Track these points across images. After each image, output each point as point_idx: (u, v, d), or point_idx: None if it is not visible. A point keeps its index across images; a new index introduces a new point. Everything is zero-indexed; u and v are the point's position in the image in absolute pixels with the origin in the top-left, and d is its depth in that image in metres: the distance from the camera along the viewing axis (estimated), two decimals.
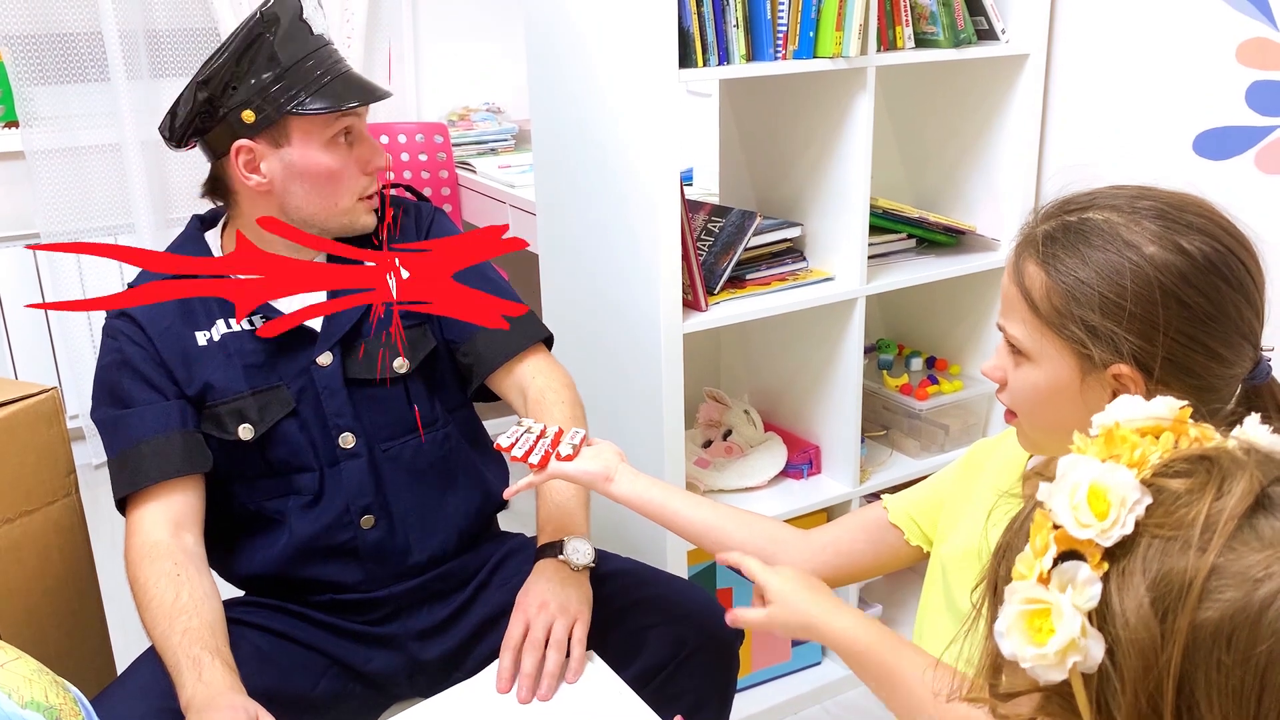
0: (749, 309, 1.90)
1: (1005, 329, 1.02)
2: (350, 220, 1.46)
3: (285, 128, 1.38)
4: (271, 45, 1.35)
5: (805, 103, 2.00)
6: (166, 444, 1.42)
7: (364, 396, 1.49)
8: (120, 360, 1.44)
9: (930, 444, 2.24)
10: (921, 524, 1.21)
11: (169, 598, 1.33)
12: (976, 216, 2.26)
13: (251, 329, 1.46)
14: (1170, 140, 1.93)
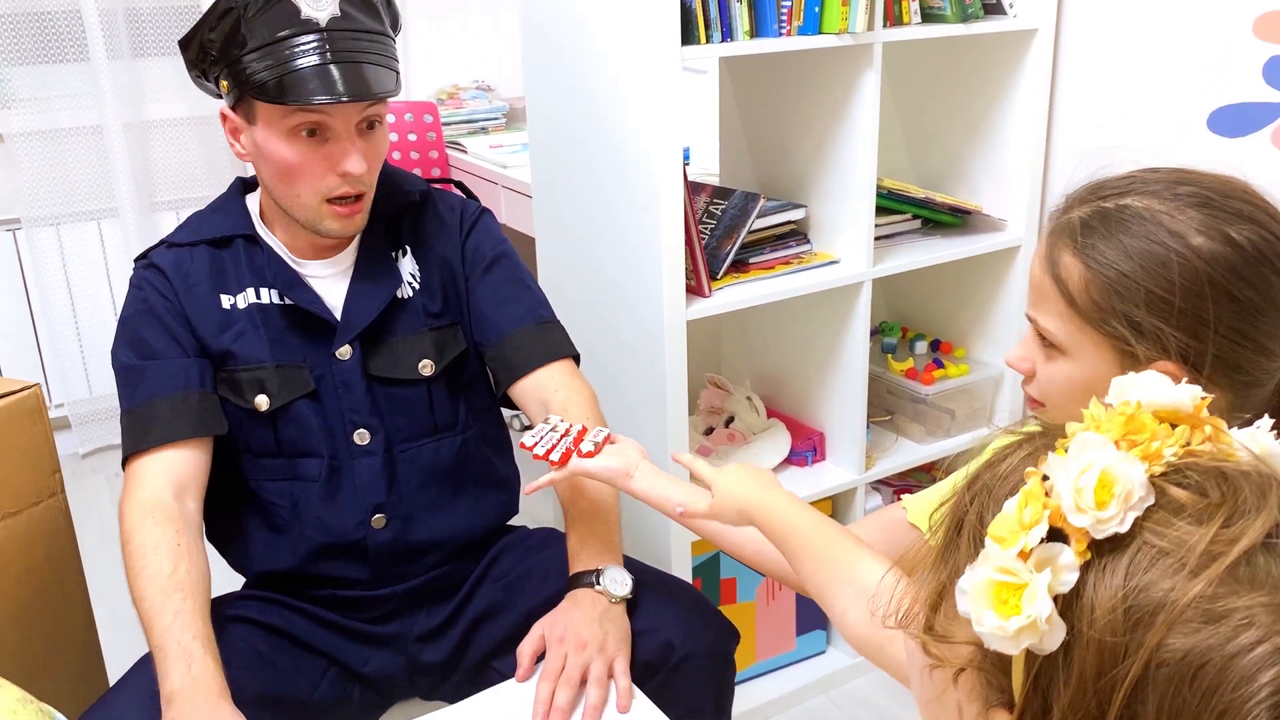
0: (753, 294, 1.85)
1: (1036, 321, 0.97)
2: (314, 220, 1.38)
3: (252, 107, 1.32)
4: (240, 21, 1.28)
5: (809, 80, 1.95)
6: (183, 403, 1.38)
7: (386, 395, 1.45)
8: (145, 309, 1.41)
9: (936, 429, 2.20)
10: None
11: (166, 568, 1.28)
12: (982, 196, 2.21)
13: (280, 304, 1.42)
14: (1184, 117, 1.88)
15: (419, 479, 1.48)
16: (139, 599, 1.27)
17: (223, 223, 1.44)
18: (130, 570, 1.29)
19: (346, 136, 1.34)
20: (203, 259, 1.41)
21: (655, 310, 1.77)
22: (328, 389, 1.43)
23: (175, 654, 1.22)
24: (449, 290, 1.52)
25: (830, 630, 2.23)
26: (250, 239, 1.43)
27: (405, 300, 1.48)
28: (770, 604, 2.12)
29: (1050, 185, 2.13)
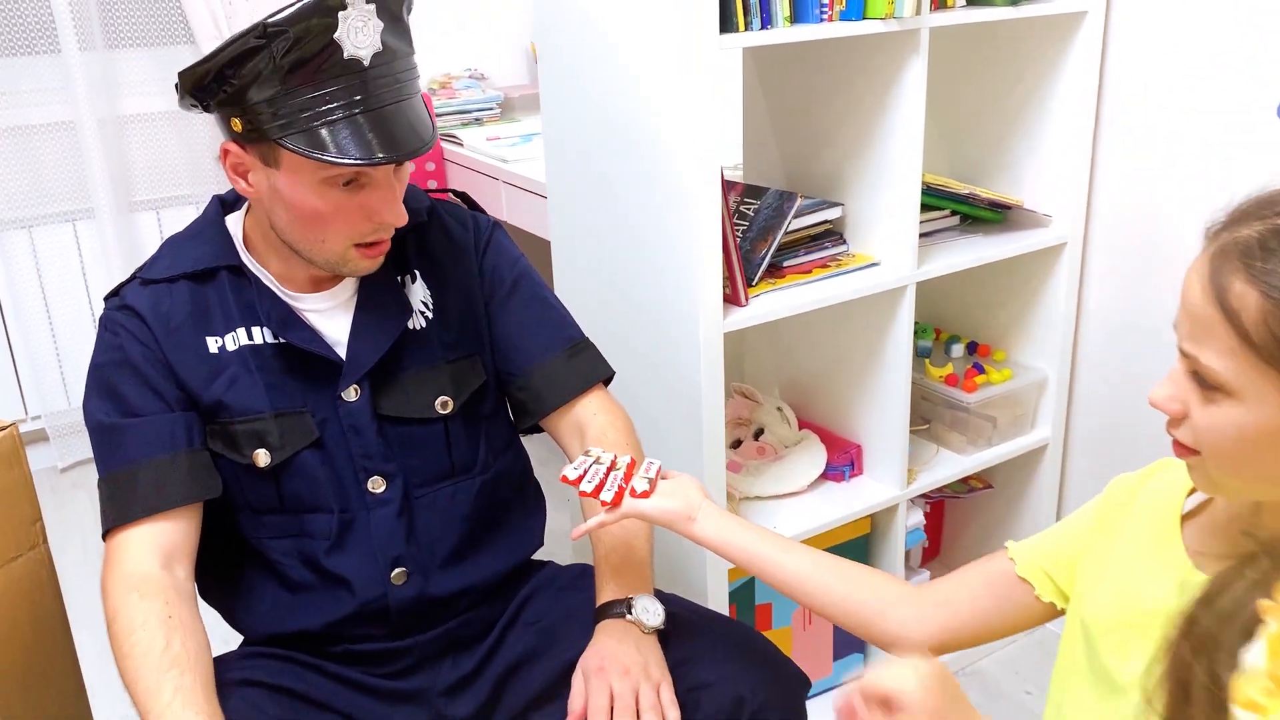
0: (794, 302, 1.71)
1: (1196, 358, 0.83)
2: (338, 264, 1.24)
3: (274, 151, 1.16)
4: (274, 60, 1.11)
5: (848, 69, 1.80)
6: (170, 467, 1.22)
7: (399, 436, 1.30)
8: (120, 359, 1.24)
9: (978, 438, 2.07)
10: (1056, 577, 1.03)
11: (158, 645, 1.14)
12: (1023, 190, 2.07)
13: (275, 343, 1.26)
14: (1248, 105, 1.74)
15: (439, 527, 1.34)
16: (131, 681, 1.12)
17: (204, 253, 1.27)
18: (118, 651, 1.15)
19: (385, 184, 1.20)
20: (183, 296, 1.26)
21: (689, 321, 1.63)
22: (333, 435, 1.28)
23: None
24: (466, 319, 1.38)
25: (867, 653, 2.10)
26: (236, 270, 1.27)
27: (418, 331, 1.34)
28: (807, 629, 1.99)
29: (1098, 178, 2.00)
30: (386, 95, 1.16)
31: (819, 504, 1.91)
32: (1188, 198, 1.87)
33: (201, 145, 3.13)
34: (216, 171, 3.17)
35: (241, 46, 1.11)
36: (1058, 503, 2.22)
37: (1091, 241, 2.04)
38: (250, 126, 1.14)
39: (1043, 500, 2.19)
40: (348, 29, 1.12)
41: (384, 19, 1.15)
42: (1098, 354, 2.09)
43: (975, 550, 2.35)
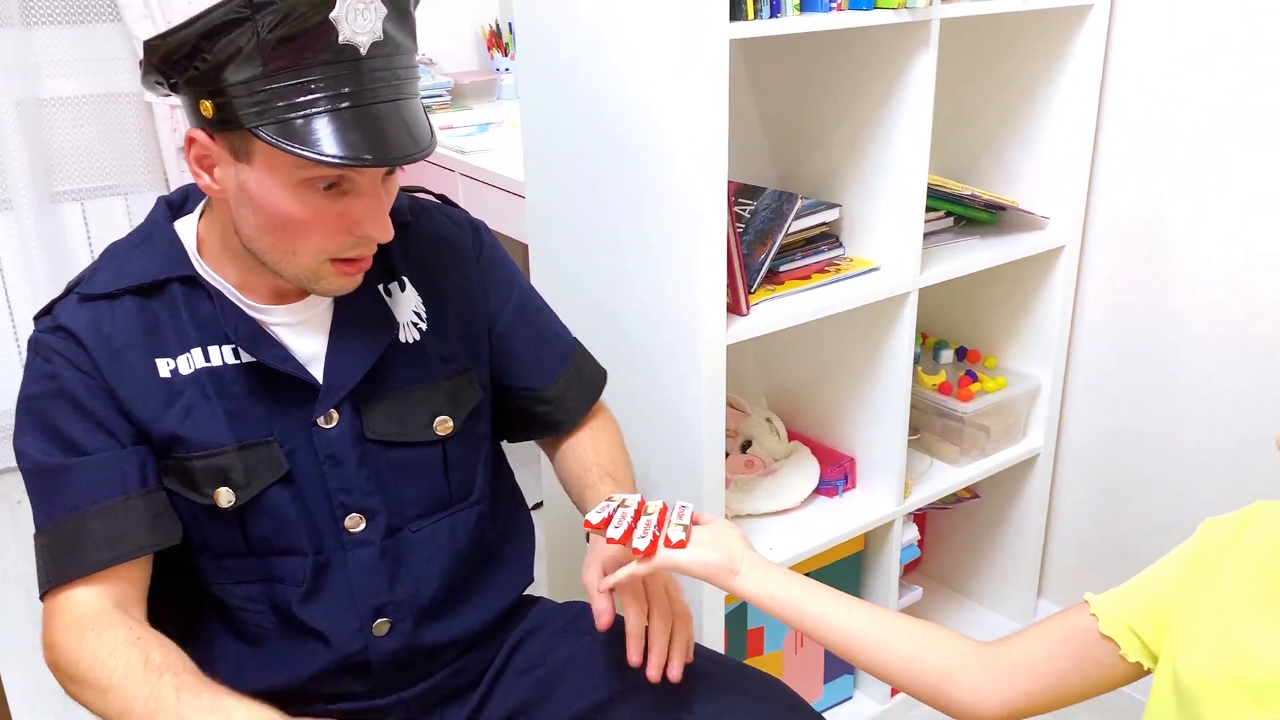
0: (797, 310, 1.60)
1: None
2: (309, 280, 1.08)
3: (247, 142, 1.00)
4: (257, 35, 0.95)
5: (848, 62, 1.70)
6: (123, 512, 1.07)
7: (391, 463, 1.15)
8: (55, 390, 1.07)
9: (971, 449, 1.98)
10: (1144, 635, 0.93)
11: (137, 663, 1.01)
12: (1017, 190, 1.99)
13: (237, 364, 1.10)
14: (1266, 107, 1.68)
15: (434, 566, 1.20)
16: (123, 711, 0.99)
17: (151, 263, 1.10)
18: (95, 690, 1.01)
19: (371, 191, 1.04)
20: (128, 314, 1.08)
21: (689, 332, 1.51)
22: (305, 467, 1.13)
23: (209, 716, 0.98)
24: (466, 329, 1.24)
25: (857, 675, 2.01)
26: (188, 281, 1.10)
27: (410, 344, 1.19)
28: (798, 653, 1.89)
29: (1098, 179, 1.92)
30: (382, 91, 1.01)
31: (814, 521, 1.81)
32: (1193, 202, 1.80)
33: (130, 131, 2.92)
34: (146, 160, 2.97)
35: (222, 16, 0.95)
36: (1047, 515, 2.15)
37: (1089, 245, 1.97)
38: (222, 112, 0.98)
39: (1031, 512, 2.12)
40: (346, 9, 0.96)
41: (387, 5, 1.00)
42: (1093, 362, 2.02)
43: (961, 563, 2.27)
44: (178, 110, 2.86)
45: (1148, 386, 1.95)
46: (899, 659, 1.00)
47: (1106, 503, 2.07)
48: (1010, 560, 2.18)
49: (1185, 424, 1.90)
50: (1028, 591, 2.18)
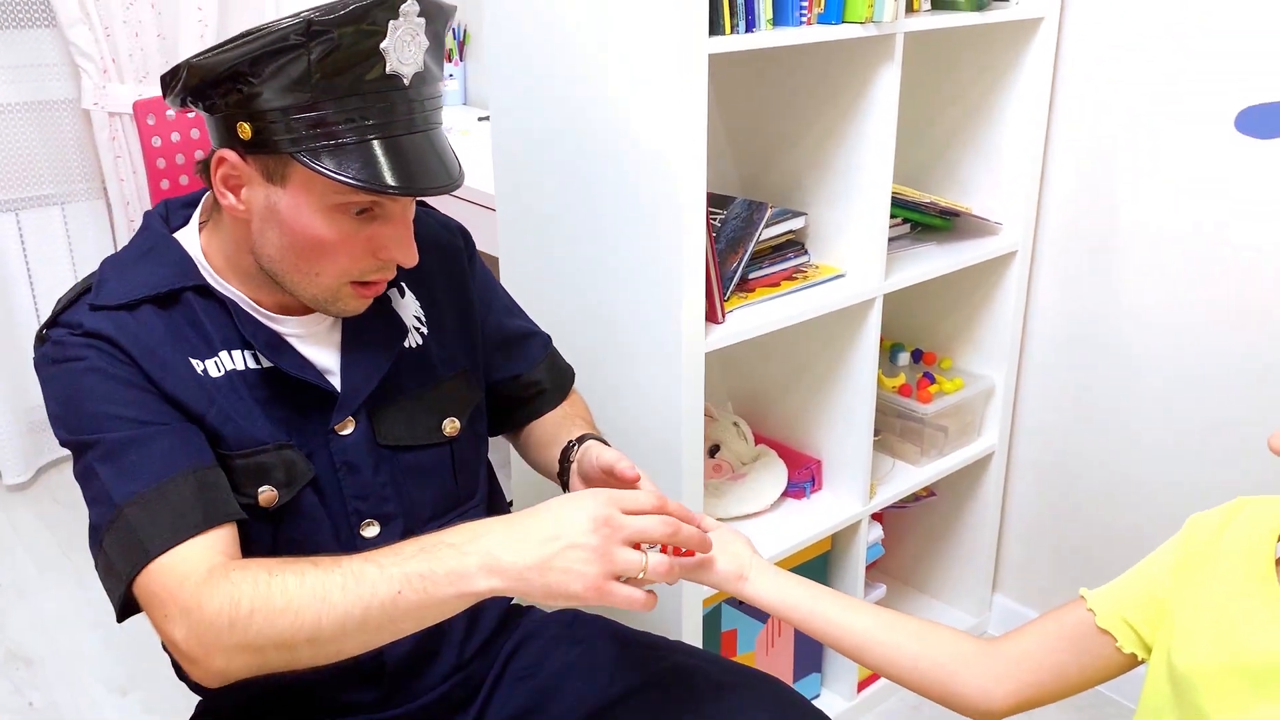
0: (770, 317, 1.63)
1: None
2: (326, 301, 1.09)
3: (284, 166, 1.00)
4: (308, 63, 0.96)
5: (813, 74, 1.73)
6: (214, 474, 1.02)
7: (403, 467, 1.16)
8: (102, 377, 1.02)
9: (930, 449, 2.04)
10: (1138, 628, 0.98)
11: (302, 566, 0.93)
12: (970, 196, 2.05)
13: (258, 369, 1.10)
14: (1207, 116, 1.76)
15: None
16: (323, 614, 0.90)
17: (162, 274, 1.08)
18: (269, 618, 0.91)
19: (400, 218, 1.06)
20: (149, 320, 1.06)
21: (670, 341, 1.53)
22: (322, 473, 1.13)
23: (424, 559, 0.92)
24: (462, 332, 1.27)
25: (825, 673, 2.05)
26: (202, 291, 1.09)
27: (414, 349, 1.21)
28: (769, 653, 1.92)
29: (1048, 186, 1.99)
30: (418, 121, 1.03)
31: (783, 524, 1.84)
32: (1138, 207, 1.88)
33: (66, 140, 2.85)
34: (83, 168, 2.90)
35: (275, 42, 0.95)
36: (1000, 511, 2.22)
37: (1040, 250, 2.04)
38: (260, 135, 0.98)
39: (986, 508, 2.18)
40: (395, 41, 0.98)
41: (429, 37, 1.02)
42: (1043, 362, 2.09)
43: (922, 558, 2.33)
44: (116, 118, 2.80)
45: (1096, 385, 2.02)
46: (905, 658, 1.04)
47: (1058, 498, 2.14)
48: (966, 556, 2.25)
49: (1132, 420, 1.98)
50: (983, 586, 2.25)
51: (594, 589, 0.90)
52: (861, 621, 1.06)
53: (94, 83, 2.75)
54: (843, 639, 1.06)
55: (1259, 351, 1.78)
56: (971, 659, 1.02)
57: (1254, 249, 1.75)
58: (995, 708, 1.02)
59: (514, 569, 0.90)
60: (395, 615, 0.91)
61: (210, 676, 0.94)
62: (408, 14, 0.99)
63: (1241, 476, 1.83)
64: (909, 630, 1.05)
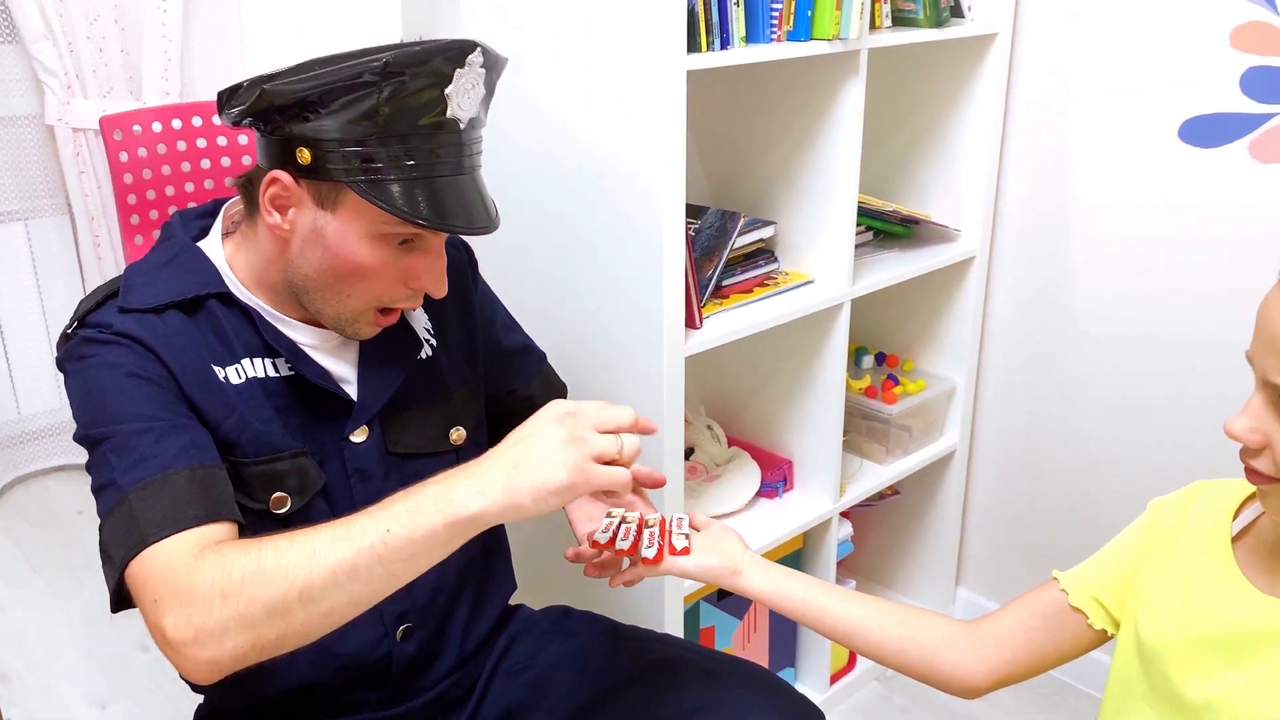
0: (745, 322, 1.69)
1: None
2: (349, 322, 1.14)
3: (337, 193, 1.06)
4: (377, 100, 1.01)
5: (781, 89, 1.80)
6: (220, 474, 1.04)
7: (412, 473, 1.20)
8: (127, 373, 1.04)
9: (896, 448, 2.11)
10: (1108, 605, 1.05)
11: (279, 539, 0.94)
12: (929, 205, 2.14)
13: (281, 375, 1.14)
14: (1152, 127, 1.85)
15: (451, 571, 1.25)
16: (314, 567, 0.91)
17: (188, 280, 1.12)
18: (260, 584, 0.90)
19: (436, 252, 1.12)
20: (176, 325, 1.09)
21: (650, 346, 1.59)
22: (333, 479, 1.17)
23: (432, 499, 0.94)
24: (468, 344, 1.32)
25: (798, 667, 2.12)
26: (225, 299, 1.14)
27: (424, 360, 1.26)
28: (745, 648, 1.98)
29: (1003, 194, 2.08)
30: (465, 164, 1.09)
31: (758, 522, 1.91)
32: (1090, 214, 1.97)
33: (30, 155, 2.85)
34: (47, 184, 2.89)
35: (349, 79, 1.00)
36: (963, 507, 2.30)
37: (997, 255, 2.13)
38: (318, 162, 1.03)
39: (949, 505, 2.26)
40: (458, 88, 1.04)
41: (486, 86, 1.09)
42: (1002, 363, 2.18)
43: (888, 554, 2.40)
44: (80, 134, 2.80)
45: (1052, 384, 2.11)
46: (892, 641, 1.10)
47: (1017, 493, 2.23)
48: (930, 552, 2.33)
49: (1086, 417, 2.07)
50: (947, 580, 2.33)
51: (578, 470, 0.93)
52: (850, 609, 1.12)
53: (58, 99, 2.75)
54: (834, 626, 1.12)
55: (1206, 347, 1.87)
56: (953, 640, 1.09)
57: (1199, 249, 1.84)
58: (977, 684, 1.08)
59: (497, 482, 0.93)
60: (385, 557, 0.91)
61: (199, 666, 0.91)
62: (473, 64, 1.05)
63: (1194, 464, 1.93)
64: (895, 616, 1.12)
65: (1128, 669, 1.03)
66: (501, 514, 0.94)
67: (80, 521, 2.82)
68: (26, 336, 2.95)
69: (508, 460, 0.95)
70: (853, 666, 2.18)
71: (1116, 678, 1.05)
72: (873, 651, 1.12)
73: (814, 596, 1.13)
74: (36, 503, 2.93)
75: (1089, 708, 2.06)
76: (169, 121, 2.75)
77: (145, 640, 2.33)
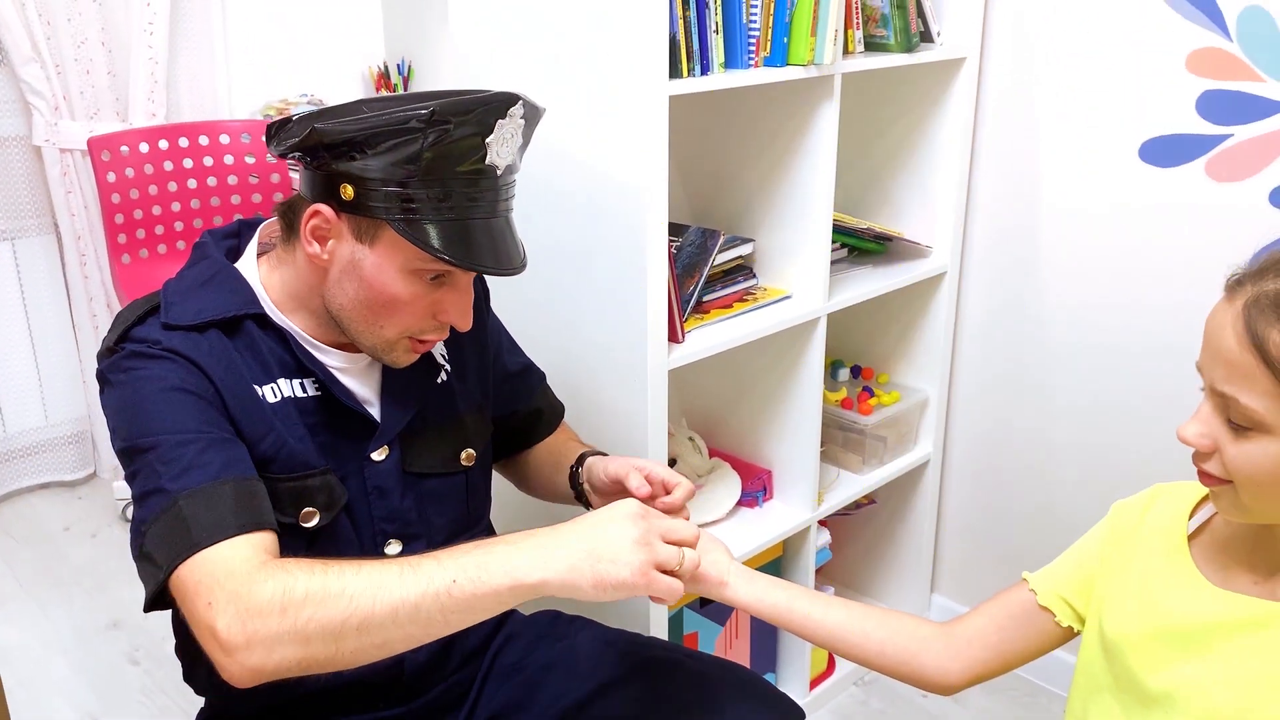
0: (726, 336, 1.75)
1: (1235, 399, 0.91)
2: (382, 350, 1.19)
3: (376, 229, 1.12)
4: (422, 145, 1.07)
5: (761, 112, 1.87)
6: (259, 487, 1.08)
7: (425, 492, 1.26)
8: (173, 387, 1.08)
9: (872, 458, 2.18)
10: (1074, 603, 1.11)
11: (364, 563, 0.98)
12: (901, 222, 2.21)
13: (310, 395, 1.19)
14: (1114, 147, 1.93)
15: None
16: (378, 599, 0.95)
17: (227, 300, 1.17)
18: (320, 604, 0.94)
19: (465, 289, 1.18)
20: (216, 344, 1.14)
21: (635, 360, 1.64)
22: (356, 495, 1.23)
23: (478, 563, 0.99)
24: (480, 369, 1.39)
25: (779, 672, 2.17)
26: (260, 320, 1.19)
27: (439, 384, 1.32)
28: (727, 654, 2.03)
29: (973, 211, 2.15)
30: (499, 208, 1.15)
31: (739, 531, 1.96)
32: (1056, 230, 2.04)
33: (17, 176, 2.88)
34: (34, 205, 2.92)
35: (398, 124, 1.06)
36: (937, 514, 2.36)
37: (967, 270, 2.20)
38: (360, 199, 1.09)
39: (924, 513, 2.33)
40: (498, 138, 1.11)
41: (524, 137, 1.15)
42: (973, 374, 2.25)
43: (865, 562, 2.47)
44: (68, 154, 2.84)
45: (1020, 394, 2.18)
46: (873, 644, 1.16)
47: (988, 501, 2.30)
48: (905, 559, 2.39)
49: (1053, 425, 2.14)
50: (922, 587, 2.39)
51: (641, 574, 1.00)
52: (833, 615, 1.18)
53: (45, 120, 2.79)
54: (817, 632, 1.18)
55: (1165, 356, 1.95)
56: (930, 641, 1.15)
57: (1159, 264, 1.92)
58: (952, 682, 1.15)
59: (565, 560, 0.99)
60: (448, 605, 0.97)
61: (244, 672, 0.95)
62: (514, 115, 1.12)
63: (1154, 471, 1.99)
64: (874, 620, 1.18)
65: (1093, 662, 1.10)
66: (560, 590, 1.00)
67: (67, 538, 2.84)
68: (13, 356, 2.98)
69: (579, 544, 1.01)
70: (832, 671, 2.24)
71: (1083, 671, 1.11)
72: (854, 654, 1.17)
73: (798, 605, 1.19)
74: (23, 520, 2.95)
75: (1058, 707, 2.12)
76: (156, 142, 2.81)
77: (135, 654, 2.36)
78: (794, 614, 1.18)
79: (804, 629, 1.18)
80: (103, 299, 2.95)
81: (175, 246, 2.85)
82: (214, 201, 2.90)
